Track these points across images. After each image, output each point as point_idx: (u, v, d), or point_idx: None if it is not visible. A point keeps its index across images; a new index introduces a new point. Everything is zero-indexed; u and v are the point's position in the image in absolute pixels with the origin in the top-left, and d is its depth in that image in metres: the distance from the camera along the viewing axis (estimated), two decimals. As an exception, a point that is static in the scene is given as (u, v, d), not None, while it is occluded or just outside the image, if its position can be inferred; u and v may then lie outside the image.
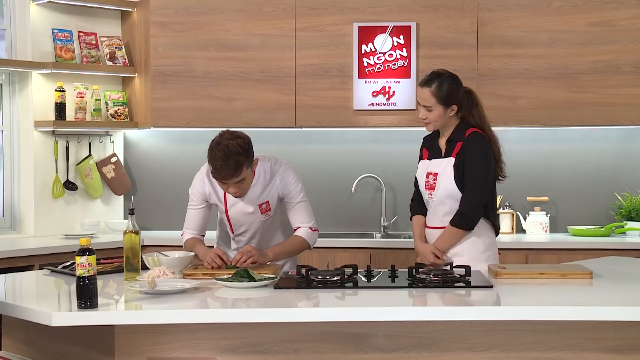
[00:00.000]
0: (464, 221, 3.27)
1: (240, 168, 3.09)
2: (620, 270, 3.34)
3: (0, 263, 4.07)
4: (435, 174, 3.33)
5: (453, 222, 3.28)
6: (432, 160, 3.38)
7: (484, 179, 3.28)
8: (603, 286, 2.92)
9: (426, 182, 3.37)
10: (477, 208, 3.28)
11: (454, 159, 3.29)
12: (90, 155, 5.03)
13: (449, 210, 3.30)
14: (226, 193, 3.30)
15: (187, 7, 4.88)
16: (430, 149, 3.42)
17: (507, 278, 3.01)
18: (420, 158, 3.47)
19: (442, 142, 3.38)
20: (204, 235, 3.45)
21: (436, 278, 2.89)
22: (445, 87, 3.27)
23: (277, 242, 3.43)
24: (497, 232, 3.41)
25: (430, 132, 3.45)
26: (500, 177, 3.41)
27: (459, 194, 3.28)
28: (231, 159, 3.05)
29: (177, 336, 2.58)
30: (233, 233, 3.47)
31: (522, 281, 2.97)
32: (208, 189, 3.36)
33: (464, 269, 2.96)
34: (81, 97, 4.89)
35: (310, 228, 3.38)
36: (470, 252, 3.31)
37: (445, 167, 3.31)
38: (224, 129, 3.20)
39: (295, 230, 3.40)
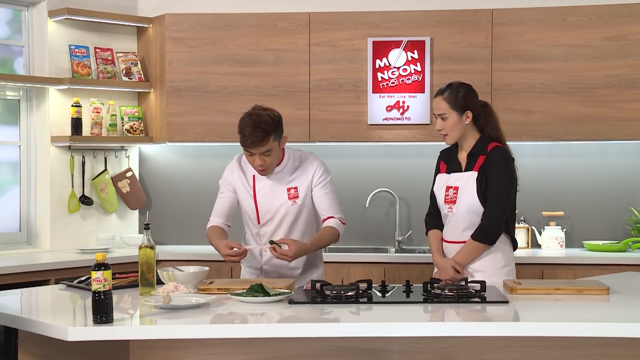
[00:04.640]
0: (486, 235, 3.26)
1: (268, 137, 3.19)
2: (637, 286, 3.31)
3: (16, 277, 4.09)
4: (456, 188, 3.32)
5: (475, 237, 3.26)
6: (452, 174, 3.37)
7: (507, 194, 3.27)
8: (620, 302, 2.89)
9: (446, 195, 3.35)
10: (499, 222, 3.27)
11: (476, 172, 3.28)
12: (105, 170, 5.06)
13: (469, 224, 3.29)
14: (255, 178, 3.33)
15: (202, 22, 4.91)
16: (448, 162, 3.41)
17: (522, 293, 3.00)
18: (438, 172, 3.46)
19: (462, 156, 3.37)
20: (229, 226, 3.46)
21: (451, 293, 2.88)
22: (458, 92, 3.30)
23: (298, 238, 3.36)
24: (515, 247, 3.40)
25: (448, 146, 3.44)
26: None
27: (480, 208, 3.26)
28: (260, 127, 3.18)
29: (192, 351, 2.58)
30: (259, 223, 3.41)
31: (537, 297, 2.95)
32: (237, 175, 3.40)
33: (479, 284, 2.95)
34: (97, 112, 4.92)
35: (340, 220, 3.40)
36: (491, 267, 3.30)
37: (467, 180, 3.30)
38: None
39: (325, 220, 3.39)
